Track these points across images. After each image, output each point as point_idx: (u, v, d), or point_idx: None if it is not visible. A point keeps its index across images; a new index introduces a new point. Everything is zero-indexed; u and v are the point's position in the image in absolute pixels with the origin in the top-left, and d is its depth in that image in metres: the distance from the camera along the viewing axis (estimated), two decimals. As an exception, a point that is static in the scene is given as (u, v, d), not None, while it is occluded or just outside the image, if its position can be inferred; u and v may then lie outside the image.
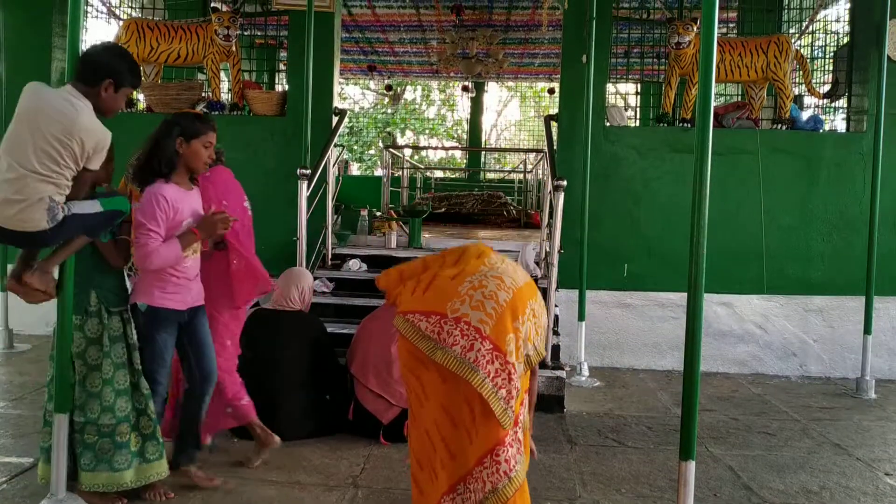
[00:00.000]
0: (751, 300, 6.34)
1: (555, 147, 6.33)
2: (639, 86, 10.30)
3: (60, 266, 2.93)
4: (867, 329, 5.67)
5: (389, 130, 23.40)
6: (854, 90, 6.56)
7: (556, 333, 5.24)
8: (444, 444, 2.52)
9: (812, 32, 7.45)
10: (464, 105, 20.60)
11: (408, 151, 15.72)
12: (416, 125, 24.22)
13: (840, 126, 6.92)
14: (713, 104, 2.97)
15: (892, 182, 6.17)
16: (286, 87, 6.90)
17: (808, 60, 6.93)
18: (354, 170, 21.17)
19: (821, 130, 6.52)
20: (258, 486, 3.45)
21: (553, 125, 6.55)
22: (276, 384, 4.06)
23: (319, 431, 4.16)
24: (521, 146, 21.44)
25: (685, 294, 2.86)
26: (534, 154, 12.13)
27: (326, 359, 4.28)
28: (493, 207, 10.46)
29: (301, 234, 5.48)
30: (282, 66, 8.64)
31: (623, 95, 10.57)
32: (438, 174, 17.21)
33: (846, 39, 6.81)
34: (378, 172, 18.24)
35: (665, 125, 6.63)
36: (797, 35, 7.35)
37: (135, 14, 7.81)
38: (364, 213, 6.94)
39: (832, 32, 7.43)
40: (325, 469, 3.71)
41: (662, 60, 7.51)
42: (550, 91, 15.03)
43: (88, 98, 2.79)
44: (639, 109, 8.42)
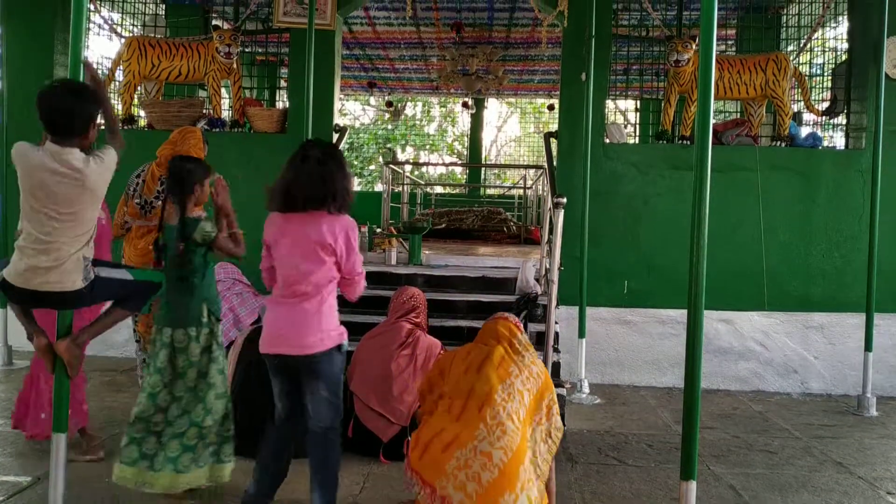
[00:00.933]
0: (751, 317, 6.34)
1: (555, 164, 6.35)
2: (638, 103, 10.34)
3: None
4: (868, 346, 5.66)
5: (390, 146, 23.46)
6: (852, 107, 6.59)
7: (557, 350, 5.23)
8: None
9: (811, 50, 7.48)
10: (464, 120, 20.69)
11: (408, 167, 15.76)
12: (417, 141, 24.29)
13: (839, 143, 6.94)
14: (712, 121, 2.99)
15: (892, 199, 6.17)
16: (287, 104, 6.93)
17: (807, 78, 6.96)
18: (355, 185, 21.17)
19: (820, 147, 6.54)
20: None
21: (553, 142, 6.57)
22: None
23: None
24: (521, 162, 21.52)
25: (685, 311, 2.87)
26: (534, 170, 12.16)
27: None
28: (494, 223, 10.47)
29: (301, 251, 5.46)
30: (283, 83, 8.68)
31: (623, 112, 10.60)
32: (438, 190, 17.24)
33: (844, 56, 6.84)
34: (378, 188, 18.27)
35: (664, 142, 6.65)
36: (796, 53, 7.38)
37: (137, 31, 7.85)
38: (364, 230, 6.95)
39: (831, 50, 7.47)
40: (325, 488, 3.68)
41: (662, 77, 7.55)
42: (550, 107, 15.10)
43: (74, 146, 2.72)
44: (638, 126, 8.45)
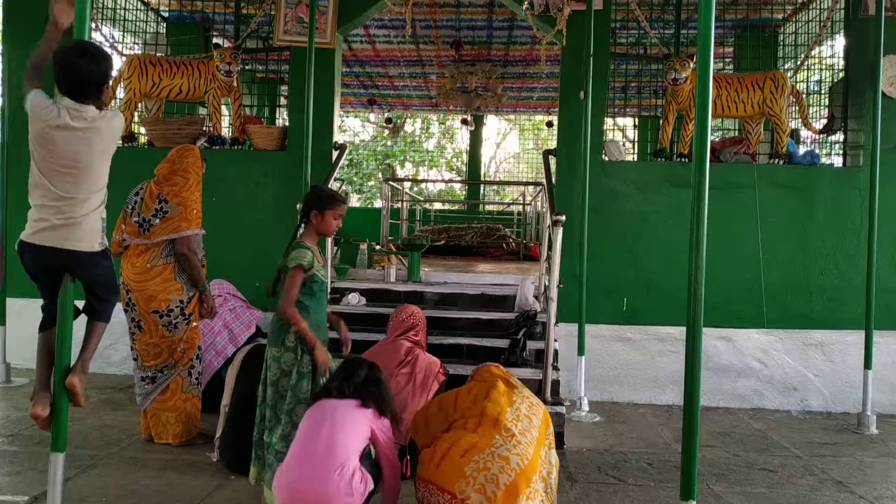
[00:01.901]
0: (750, 334, 6.33)
1: (553, 181, 6.37)
2: (636, 120, 10.39)
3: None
4: (867, 364, 5.65)
5: (389, 162, 23.52)
6: (850, 125, 6.62)
7: (556, 368, 5.22)
8: None
9: (808, 68, 7.53)
10: (463, 137, 20.76)
11: (407, 183, 15.80)
12: (416, 157, 24.36)
13: (837, 161, 6.96)
14: (711, 139, 3.01)
15: (890, 216, 6.19)
16: (287, 122, 6.96)
17: (804, 96, 7.00)
18: (354, 201, 21.25)
19: (817, 165, 6.57)
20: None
21: (551, 159, 6.59)
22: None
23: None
24: (520, 178, 21.56)
25: (685, 328, 2.87)
26: (532, 186, 12.19)
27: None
28: (493, 240, 10.49)
29: (300, 269, 5.47)
30: (283, 101, 8.72)
31: (621, 128, 10.65)
32: (438, 206, 17.27)
33: (841, 75, 6.88)
34: (378, 204, 18.30)
35: (663, 160, 6.67)
36: (793, 71, 7.42)
37: (137, 49, 7.90)
38: (363, 247, 6.95)
39: (828, 67, 7.51)
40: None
41: (660, 95, 7.59)
42: (549, 124, 15.15)
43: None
44: (636, 144, 8.48)
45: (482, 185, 18.17)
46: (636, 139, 8.87)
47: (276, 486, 2.88)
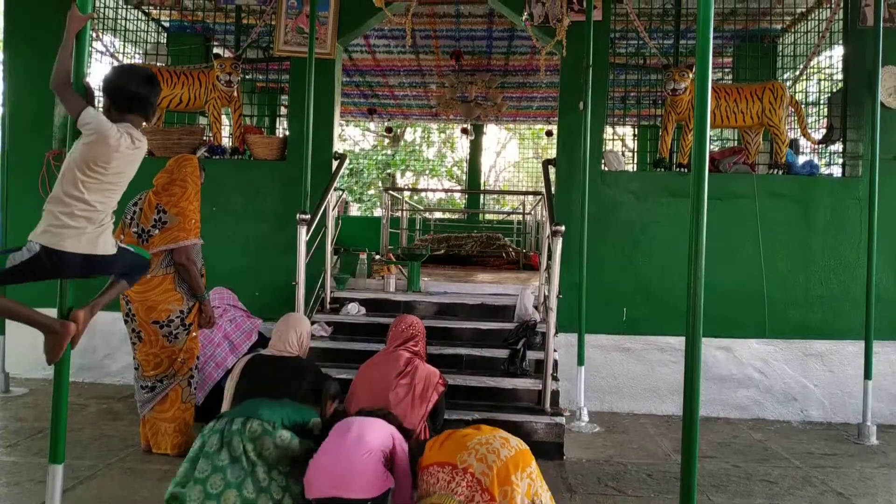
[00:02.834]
0: (750, 344, 6.32)
1: (553, 191, 6.37)
2: (635, 129, 10.40)
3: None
4: (867, 374, 5.64)
5: (390, 171, 23.55)
6: (849, 135, 6.64)
7: (556, 379, 5.21)
8: None
9: (807, 78, 7.55)
10: (463, 145, 20.80)
11: (407, 192, 15.82)
12: (416, 166, 24.39)
13: (836, 171, 6.97)
14: (711, 149, 3.02)
15: (889, 226, 6.20)
16: (287, 132, 6.98)
17: (803, 106, 7.01)
18: (354, 210, 21.27)
19: (817, 175, 6.57)
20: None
21: (551, 169, 6.60)
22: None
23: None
24: (520, 187, 21.57)
25: (684, 338, 2.86)
26: (532, 195, 12.19)
27: (324, 406, 4.25)
28: (493, 249, 10.47)
29: (300, 279, 5.48)
30: (283, 110, 8.74)
31: (621, 137, 10.66)
32: (438, 215, 17.28)
33: (840, 85, 6.90)
34: (378, 212, 18.31)
35: (662, 170, 6.68)
36: (792, 81, 7.44)
37: (138, 59, 7.92)
38: (363, 257, 6.95)
39: (827, 78, 7.53)
40: (322, 519, 3.66)
41: (660, 104, 7.60)
42: (549, 133, 15.18)
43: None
44: (636, 154, 8.49)
45: (482, 195, 18.18)
46: (636, 149, 8.87)
47: (308, 468, 3.07)
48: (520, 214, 13.27)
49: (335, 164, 6.62)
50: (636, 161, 8.40)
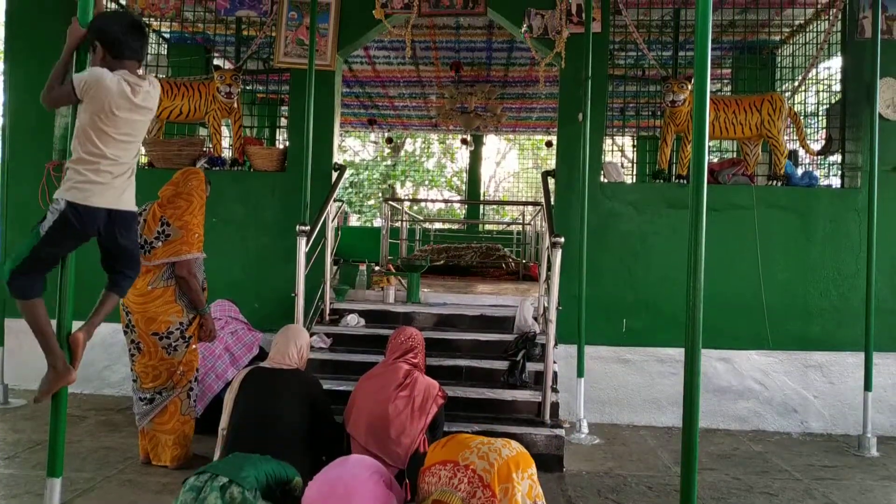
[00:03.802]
0: (750, 356, 6.32)
1: (552, 202, 6.38)
2: (634, 140, 10.43)
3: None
4: (867, 385, 5.63)
5: (390, 182, 23.58)
6: (847, 147, 6.64)
7: (555, 390, 5.20)
8: None
9: (805, 90, 7.57)
10: (463, 156, 20.84)
11: (407, 203, 15.83)
12: (416, 176, 24.42)
13: (835, 182, 6.98)
14: (710, 160, 3.03)
15: (888, 237, 6.20)
16: (287, 143, 6.99)
17: (802, 117, 7.03)
18: (354, 220, 21.28)
19: (816, 186, 6.58)
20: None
21: (550, 180, 6.61)
22: (272, 443, 4.00)
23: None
24: (520, 197, 21.61)
25: (684, 349, 2.86)
26: (532, 206, 12.20)
27: (323, 418, 4.24)
28: (492, 260, 10.47)
29: (299, 291, 5.48)
30: (283, 122, 8.76)
31: (620, 148, 10.69)
32: (438, 225, 17.29)
33: (838, 96, 6.92)
34: (377, 223, 18.32)
35: (661, 181, 6.69)
36: (790, 92, 7.47)
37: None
38: (362, 268, 6.95)
39: (825, 89, 7.55)
40: (321, 532, 3.64)
41: (658, 115, 7.62)
42: (548, 144, 15.21)
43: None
44: (635, 165, 8.50)
45: (482, 205, 18.20)
46: (635, 160, 8.89)
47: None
48: (519, 225, 13.28)
49: (335, 176, 6.63)
50: (635, 172, 8.42)
